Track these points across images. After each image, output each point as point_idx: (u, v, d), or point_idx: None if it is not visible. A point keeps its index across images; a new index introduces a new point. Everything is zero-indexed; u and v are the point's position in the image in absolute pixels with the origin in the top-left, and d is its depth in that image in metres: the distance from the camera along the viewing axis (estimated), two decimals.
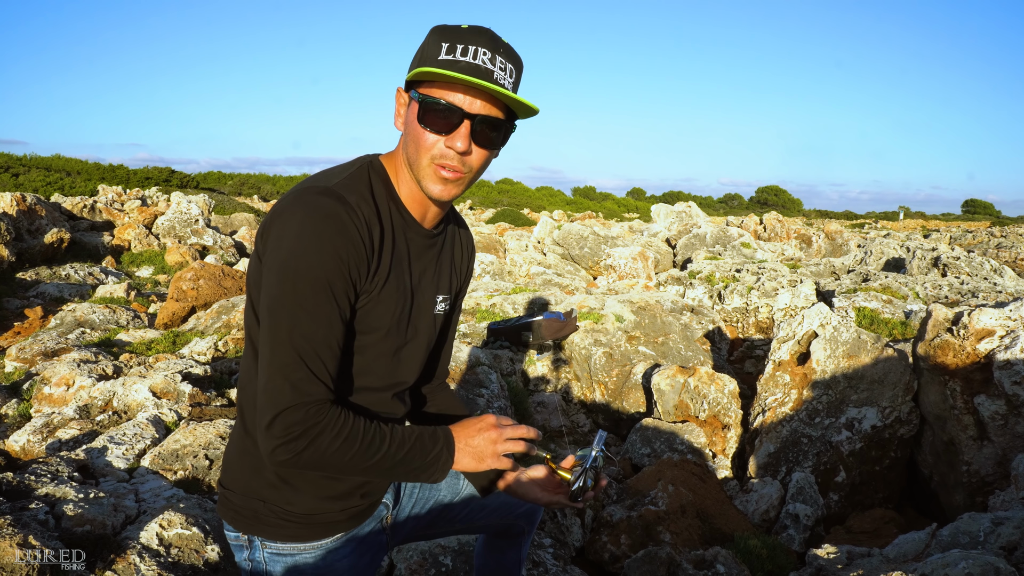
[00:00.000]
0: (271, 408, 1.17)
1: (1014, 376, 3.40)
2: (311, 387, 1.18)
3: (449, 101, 1.21)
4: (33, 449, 3.26)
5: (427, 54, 1.22)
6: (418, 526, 1.62)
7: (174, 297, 6.62)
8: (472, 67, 1.19)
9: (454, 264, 1.52)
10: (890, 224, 40.77)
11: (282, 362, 1.17)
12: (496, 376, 4.50)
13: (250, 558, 1.37)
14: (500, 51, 1.21)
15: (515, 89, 1.26)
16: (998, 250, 14.25)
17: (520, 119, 1.31)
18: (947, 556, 2.04)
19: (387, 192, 1.32)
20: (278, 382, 1.17)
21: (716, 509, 3.43)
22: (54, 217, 9.66)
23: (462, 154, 1.23)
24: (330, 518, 1.37)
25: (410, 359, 1.42)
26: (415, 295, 1.38)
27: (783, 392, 4.26)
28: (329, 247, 1.17)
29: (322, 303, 1.18)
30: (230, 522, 1.37)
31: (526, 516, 1.74)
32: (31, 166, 25.72)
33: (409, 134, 1.27)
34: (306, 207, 1.18)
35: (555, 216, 25.54)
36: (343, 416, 1.21)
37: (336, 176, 1.27)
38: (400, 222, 1.33)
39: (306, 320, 1.17)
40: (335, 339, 1.21)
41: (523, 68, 1.29)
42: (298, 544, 1.36)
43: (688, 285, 8.56)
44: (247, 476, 1.35)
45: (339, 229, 1.18)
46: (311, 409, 1.18)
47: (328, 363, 1.20)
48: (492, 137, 1.25)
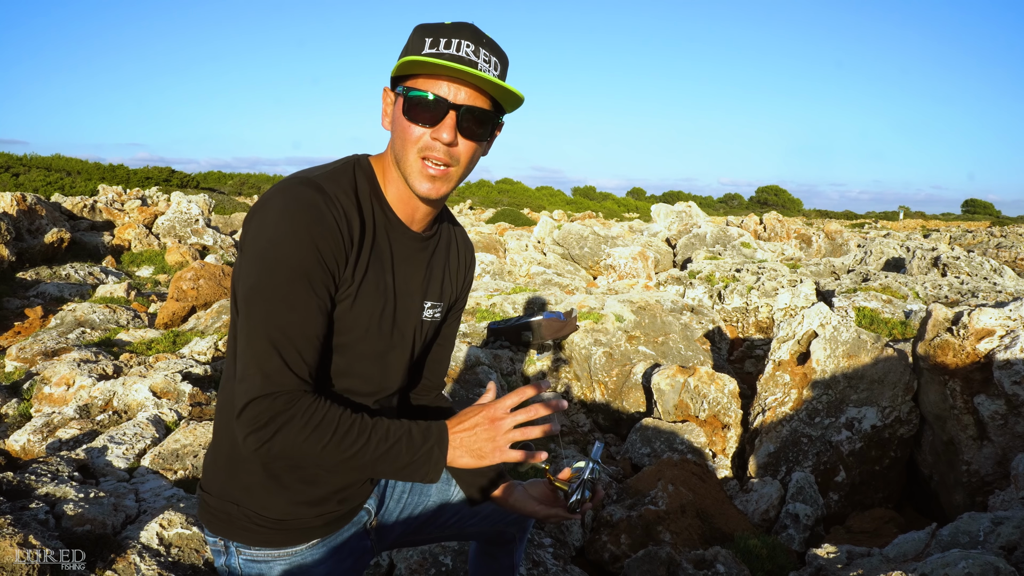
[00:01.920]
0: (243, 396, 1.16)
1: (1014, 376, 3.40)
2: (283, 378, 1.16)
3: (435, 93, 1.20)
4: (33, 449, 3.26)
5: (411, 50, 1.23)
6: (406, 531, 1.58)
7: (174, 297, 6.62)
8: (455, 58, 1.19)
9: (448, 271, 1.48)
10: (890, 224, 40.76)
11: (255, 351, 1.16)
12: (496, 376, 4.50)
13: (227, 564, 1.34)
14: (483, 44, 1.21)
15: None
16: (998, 250, 14.25)
17: (507, 113, 1.30)
18: (947, 556, 2.04)
19: (371, 190, 1.31)
20: (252, 371, 1.16)
21: (716, 509, 3.43)
22: (54, 217, 9.66)
23: (448, 145, 1.23)
24: (305, 523, 1.34)
25: (395, 364, 1.39)
26: (398, 298, 1.35)
27: (783, 392, 4.26)
28: (306, 235, 1.16)
29: (299, 292, 1.17)
30: (207, 525, 1.35)
31: (517, 523, 1.71)
32: (31, 166, 25.72)
33: (396, 130, 1.27)
34: (285, 197, 1.18)
35: (555, 216, 25.53)
36: (317, 405, 1.18)
37: (319, 170, 1.27)
38: (383, 220, 1.31)
39: (282, 309, 1.16)
40: (313, 329, 1.19)
41: (508, 62, 1.28)
42: (271, 550, 1.33)
43: (688, 285, 8.56)
44: (222, 479, 1.33)
45: (316, 217, 1.17)
46: (280, 398, 1.16)
47: (305, 353, 1.19)
48: (478, 129, 1.24)
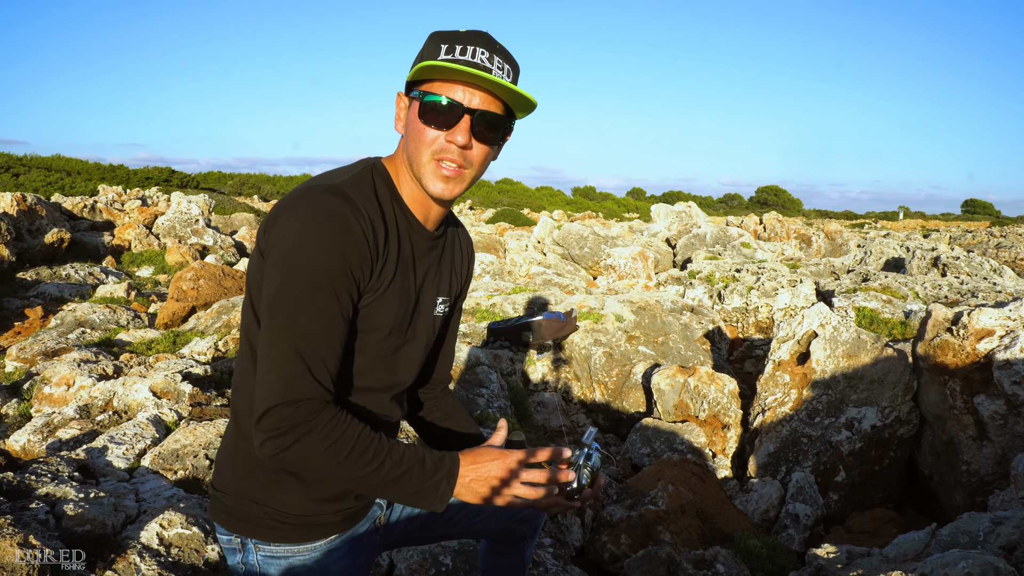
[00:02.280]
0: (264, 402, 1.16)
1: (1014, 376, 3.40)
2: (306, 385, 1.17)
3: (450, 97, 1.24)
4: (33, 449, 3.26)
5: (426, 56, 1.26)
6: (411, 527, 1.59)
7: (174, 297, 6.62)
8: (471, 63, 1.23)
9: (454, 266, 1.53)
10: (890, 224, 40.75)
11: (279, 357, 1.16)
12: (496, 376, 4.50)
13: (243, 561, 1.35)
14: (497, 51, 1.26)
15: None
16: (998, 250, 14.25)
17: (519, 118, 1.34)
18: (947, 556, 2.04)
19: (391, 194, 1.33)
20: (273, 377, 1.16)
21: (716, 509, 3.43)
22: (54, 217, 9.66)
23: (463, 148, 1.26)
24: (324, 519, 1.36)
25: (408, 359, 1.42)
26: (419, 297, 1.39)
27: (783, 392, 4.26)
28: (332, 244, 1.17)
29: (323, 300, 1.17)
30: (223, 524, 1.36)
31: (527, 521, 1.71)
32: (31, 166, 25.72)
33: (410, 133, 1.29)
34: (311, 204, 1.19)
35: (555, 216, 25.52)
36: (338, 420, 1.19)
37: (340, 176, 1.28)
38: (404, 223, 1.34)
39: (306, 317, 1.17)
40: (336, 338, 1.21)
41: (519, 70, 1.32)
42: (292, 546, 1.34)
43: (688, 285, 8.56)
44: (240, 478, 1.34)
45: (343, 227, 1.18)
46: (303, 407, 1.16)
47: (328, 361, 1.20)
48: (492, 133, 1.28)
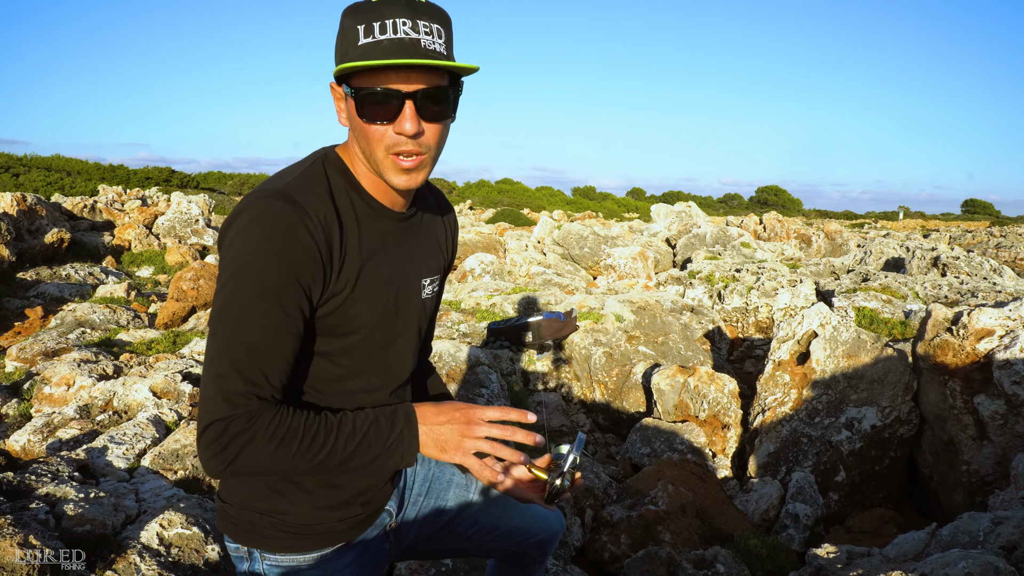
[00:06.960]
0: (202, 418, 1.12)
1: (1014, 376, 3.40)
2: (243, 400, 1.12)
3: (384, 87, 1.12)
4: (33, 449, 3.27)
5: (347, 43, 1.13)
6: (421, 536, 1.55)
7: (174, 297, 6.62)
8: (396, 43, 1.09)
9: (438, 241, 1.45)
10: (890, 224, 40.74)
11: (217, 372, 1.12)
12: (496, 376, 4.50)
13: (250, 570, 1.34)
14: (421, 15, 1.11)
15: (448, 49, 1.16)
16: (998, 250, 14.24)
17: (466, 76, 1.21)
18: (947, 556, 2.04)
19: (347, 184, 1.24)
20: (212, 392, 1.12)
21: (716, 509, 3.43)
22: (54, 217, 9.66)
23: (415, 136, 1.15)
24: (330, 527, 1.33)
25: (403, 352, 1.37)
26: (400, 285, 1.32)
27: (783, 392, 4.26)
28: (276, 253, 1.10)
29: (267, 312, 1.12)
30: (230, 535, 1.34)
31: (539, 546, 1.67)
32: (31, 166, 25.72)
33: (356, 130, 1.19)
34: (253, 211, 1.12)
35: (555, 216, 25.52)
36: (279, 417, 1.15)
37: (288, 176, 1.20)
38: (367, 212, 1.25)
39: (248, 330, 1.11)
40: (280, 349, 1.15)
41: (450, 22, 1.17)
42: (298, 555, 1.32)
43: (688, 285, 8.56)
44: (243, 488, 1.32)
45: (286, 232, 1.11)
46: (239, 420, 1.12)
47: (271, 375, 1.14)
48: (439, 107, 1.16)
